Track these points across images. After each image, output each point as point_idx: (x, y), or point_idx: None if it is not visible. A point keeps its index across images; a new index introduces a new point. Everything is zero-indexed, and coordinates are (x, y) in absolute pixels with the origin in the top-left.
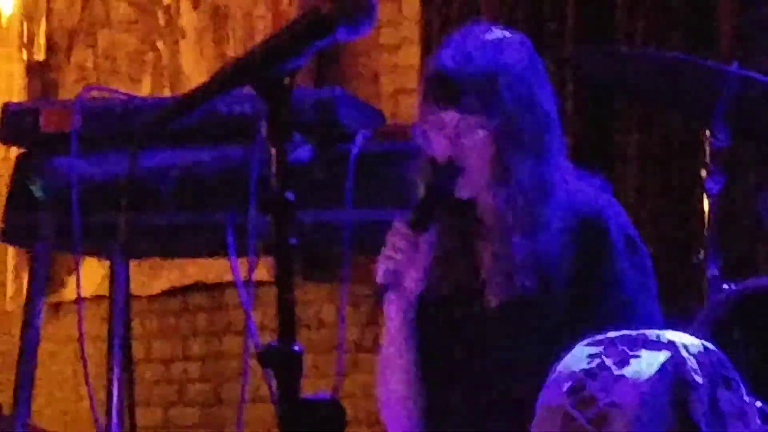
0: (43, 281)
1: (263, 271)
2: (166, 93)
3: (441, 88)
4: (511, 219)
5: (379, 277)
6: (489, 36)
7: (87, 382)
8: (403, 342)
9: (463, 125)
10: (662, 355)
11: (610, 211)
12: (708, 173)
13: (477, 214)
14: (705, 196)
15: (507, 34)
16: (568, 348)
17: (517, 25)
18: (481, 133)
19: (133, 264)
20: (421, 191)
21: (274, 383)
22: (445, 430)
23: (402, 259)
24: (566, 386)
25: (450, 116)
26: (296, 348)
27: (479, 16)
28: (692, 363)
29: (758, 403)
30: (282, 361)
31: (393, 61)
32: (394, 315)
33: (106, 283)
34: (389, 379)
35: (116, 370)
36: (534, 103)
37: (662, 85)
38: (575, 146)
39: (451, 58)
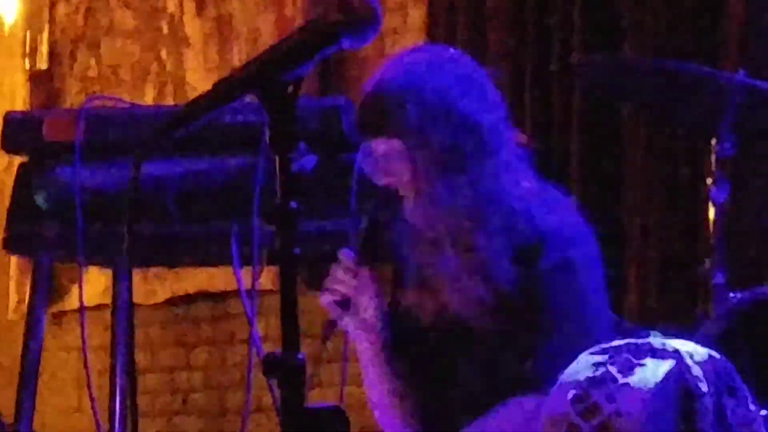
0: (45, 290)
1: (267, 281)
2: (170, 102)
3: (363, 117)
4: (441, 239)
5: (329, 306)
6: (410, 58)
7: (90, 392)
8: (380, 369)
9: (389, 152)
10: (667, 364)
11: (550, 234)
12: (714, 182)
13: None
14: (711, 204)
15: (438, 54)
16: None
17: (524, 33)
18: (404, 156)
19: (136, 273)
20: (364, 222)
21: (277, 393)
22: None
23: (347, 289)
24: (571, 395)
25: (376, 144)
26: (300, 357)
27: (485, 25)
28: (698, 371)
29: (764, 412)
30: (286, 371)
31: None
32: (358, 344)
33: (109, 293)
34: (377, 397)
35: (119, 379)
36: (449, 115)
37: (668, 94)
38: (582, 153)
39: (371, 87)
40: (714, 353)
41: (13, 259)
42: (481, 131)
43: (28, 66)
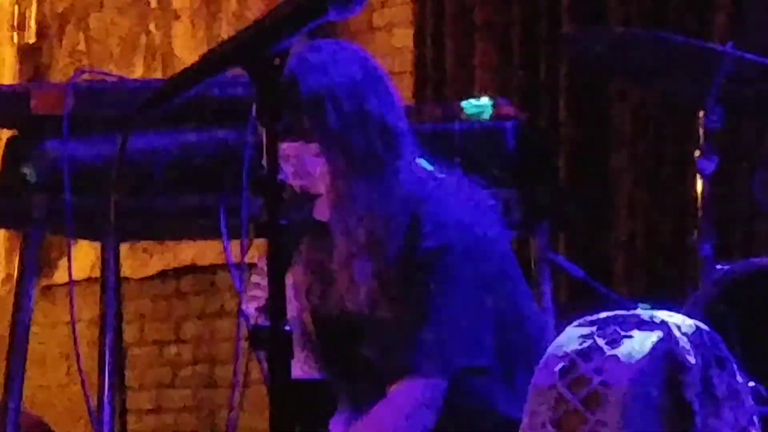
0: (34, 264)
1: (256, 254)
2: (159, 75)
3: None
4: (358, 241)
5: (253, 318)
6: (315, 57)
7: (79, 365)
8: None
9: (303, 153)
10: (655, 335)
11: (430, 222)
12: (702, 154)
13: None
14: (699, 176)
15: (337, 50)
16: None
17: (511, 6)
18: (320, 158)
19: (125, 247)
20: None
21: (265, 364)
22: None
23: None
24: (558, 367)
25: (290, 147)
26: (287, 329)
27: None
28: (685, 343)
29: (751, 384)
30: (272, 342)
31: (386, 42)
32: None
33: (98, 266)
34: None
35: (108, 353)
36: (365, 118)
37: (656, 66)
38: (569, 127)
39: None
40: (701, 325)
41: (2, 233)
42: (393, 132)
43: (16, 40)
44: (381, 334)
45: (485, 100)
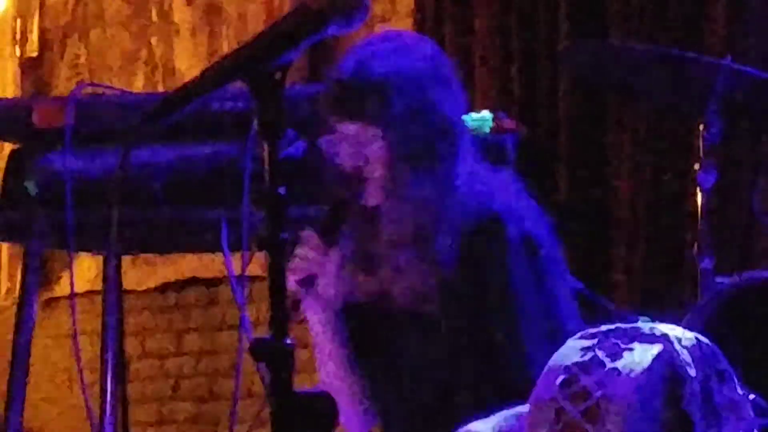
0: (36, 277)
1: (257, 267)
2: (160, 89)
3: (338, 99)
4: (405, 230)
5: (292, 287)
6: (386, 44)
7: (81, 378)
8: (330, 347)
9: (362, 136)
10: (655, 348)
11: (510, 212)
12: (701, 167)
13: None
14: (698, 190)
15: (409, 41)
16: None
17: (510, 18)
18: (379, 143)
19: (127, 260)
20: (329, 202)
21: (266, 377)
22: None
23: (311, 268)
24: (559, 380)
25: (349, 128)
26: (288, 342)
27: (472, 11)
28: (685, 356)
29: (751, 396)
30: (274, 355)
31: None
32: (314, 324)
33: (100, 279)
34: (330, 382)
35: (110, 366)
36: (428, 110)
37: (655, 80)
38: (568, 139)
39: (347, 68)
40: (701, 338)
41: (4, 246)
42: (453, 128)
43: (18, 53)
44: (429, 332)
45: (485, 114)
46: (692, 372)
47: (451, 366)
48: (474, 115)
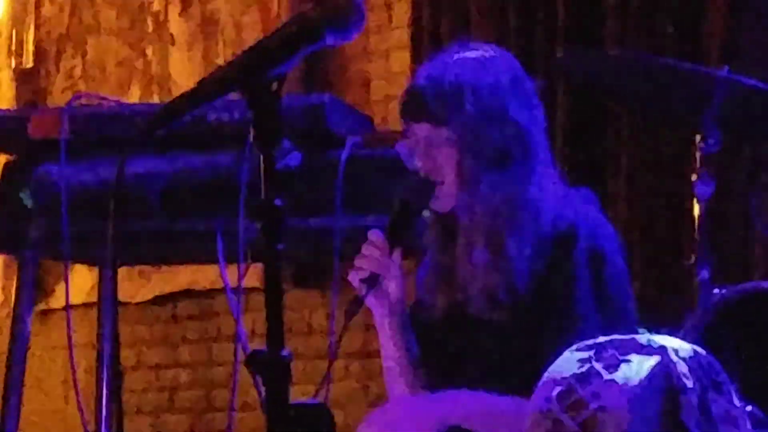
0: (31, 289)
1: (253, 278)
2: (155, 100)
3: (412, 101)
4: (476, 233)
5: (356, 284)
6: (466, 54)
7: (76, 390)
8: (393, 347)
9: (433, 138)
10: (653, 360)
11: (583, 226)
12: (698, 177)
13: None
14: (696, 200)
15: (489, 53)
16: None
17: (508, 28)
18: (449, 145)
19: (122, 271)
20: (396, 204)
21: (262, 389)
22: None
23: (375, 267)
24: (556, 391)
25: (421, 129)
26: (285, 354)
27: (469, 22)
28: (683, 367)
29: (749, 408)
30: (270, 367)
31: (382, 67)
32: (380, 322)
33: (95, 291)
34: (393, 386)
35: (105, 377)
36: (503, 118)
37: (652, 90)
38: (565, 148)
39: (424, 74)
40: (699, 349)
41: None
42: (527, 136)
43: (13, 64)
44: (499, 340)
45: None
46: (689, 383)
47: (516, 373)
48: None
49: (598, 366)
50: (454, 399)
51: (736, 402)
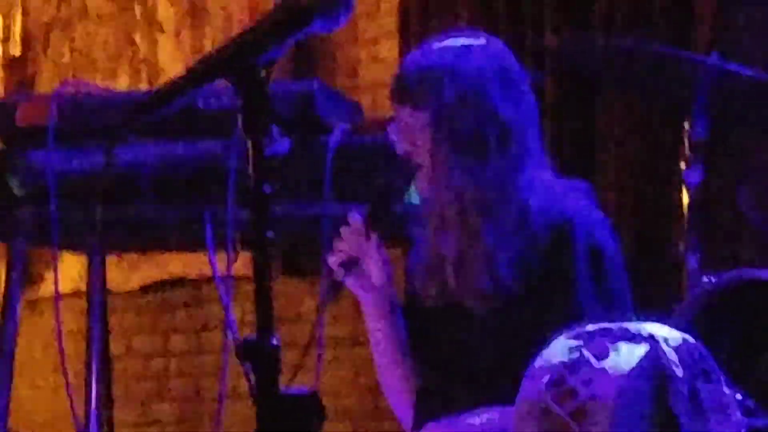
0: (20, 276)
1: (242, 266)
2: (144, 87)
3: (396, 84)
4: (448, 220)
5: (334, 267)
6: (454, 41)
7: (65, 378)
8: (380, 329)
9: (413, 121)
10: (642, 348)
11: (579, 220)
12: (687, 165)
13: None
14: (684, 188)
15: (477, 41)
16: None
17: (496, 15)
18: (427, 130)
19: (111, 259)
20: (377, 188)
21: (252, 378)
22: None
23: (353, 251)
24: (546, 379)
25: (403, 112)
26: (274, 342)
27: (458, 9)
28: (672, 356)
29: (738, 396)
30: (260, 356)
31: (371, 53)
32: (364, 305)
33: (84, 279)
34: (384, 371)
35: (95, 366)
36: (482, 106)
37: (641, 76)
38: (555, 137)
39: (410, 58)
40: (688, 337)
41: None
42: (508, 125)
43: (1, 52)
44: (488, 331)
45: None
46: (679, 372)
47: (503, 363)
48: None
49: (587, 354)
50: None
51: (726, 390)
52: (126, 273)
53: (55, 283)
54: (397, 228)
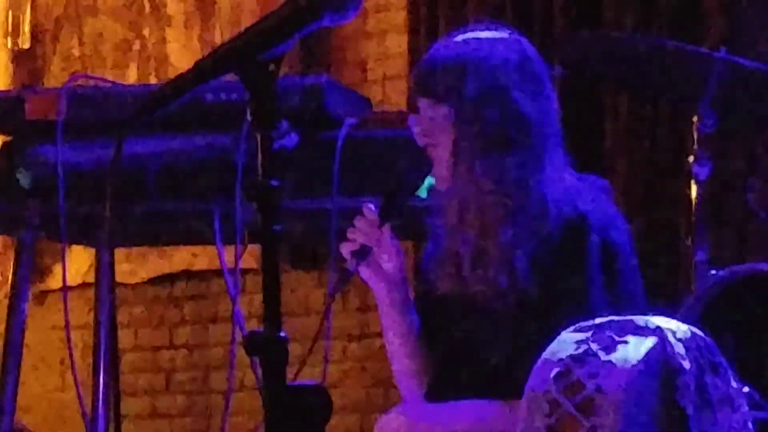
0: (28, 270)
1: (250, 259)
2: (153, 81)
3: (419, 78)
4: (467, 216)
5: (347, 256)
6: (477, 34)
7: (73, 371)
8: (395, 326)
9: (433, 114)
10: (649, 341)
11: (593, 217)
12: (695, 159)
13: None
14: (693, 181)
15: (499, 34)
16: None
17: (505, 11)
18: (447, 123)
19: (119, 252)
20: (393, 179)
21: (260, 370)
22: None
23: (365, 239)
24: (553, 372)
25: (423, 105)
26: (282, 335)
27: (466, 4)
28: (679, 348)
29: (746, 389)
30: (267, 348)
31: (380, 48)
32: (377, 294)
33: (93, 272)
34: (396, 361)
35: (102, 358)
36: (504, 100)
37: (650, 71)
38: (563, 132)
39: (433, 50)
40: (696, 330)
41: None
42: (529, 121)
43: (10, 45)
44: (502, 326)
45: None
46: (686, 365)
47: (513, 356)
48: None
49: (595, 347)
50: (464, 408)
51: (733, 383)
52: (134, 266)
53: (63, 276)
54: (408, 221)
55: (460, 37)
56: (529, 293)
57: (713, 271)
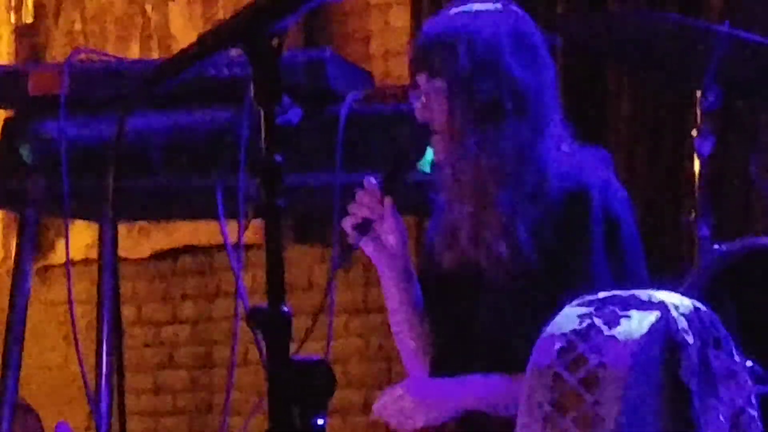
0: (31, 245)
1: (253, 234)
2: (155, 56)
3: (415, 53)
4: (464, 187)
5: (349, 230)
6: (470, 7)
7: (76, 346)
8: (399, 301)
9: (430, 88)
10: (653, 316)
11: (596, 189)
12: (699, 134)
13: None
14: (696, 157)
15: (494, 6)
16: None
17: None
18: (442, 96)
19: (123, 227)
20: (394, 153)
21: (263, 345)
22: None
23: (368, 214)
24: (556, 347)
25: (421, 79)
26: (285, 310)
27: None
28: (683, 323)
29: (749, 363)
30: (271, 323)
31: (383, 22)
32: (383, 275)
33: (95, 247)
34: (399, 336)
35: (106, 334)
36: (498, 71)
37: (653, 47)
38: (565, 106)
39: (428, 25)
40: (699, 305)
41: None
42: (525, 92)
43: (13, 20)
44: (503, 297)
45: None
46: (690, 339)
47: (517, 330)
48: None
49: (598, 322)
50: (469, 384)
51: (736, 358)
52: (137, 240)
53: (67, 251)
54: (410, 196)
55: (453, 11)
56: (531, 264)
57: (716, 246)
